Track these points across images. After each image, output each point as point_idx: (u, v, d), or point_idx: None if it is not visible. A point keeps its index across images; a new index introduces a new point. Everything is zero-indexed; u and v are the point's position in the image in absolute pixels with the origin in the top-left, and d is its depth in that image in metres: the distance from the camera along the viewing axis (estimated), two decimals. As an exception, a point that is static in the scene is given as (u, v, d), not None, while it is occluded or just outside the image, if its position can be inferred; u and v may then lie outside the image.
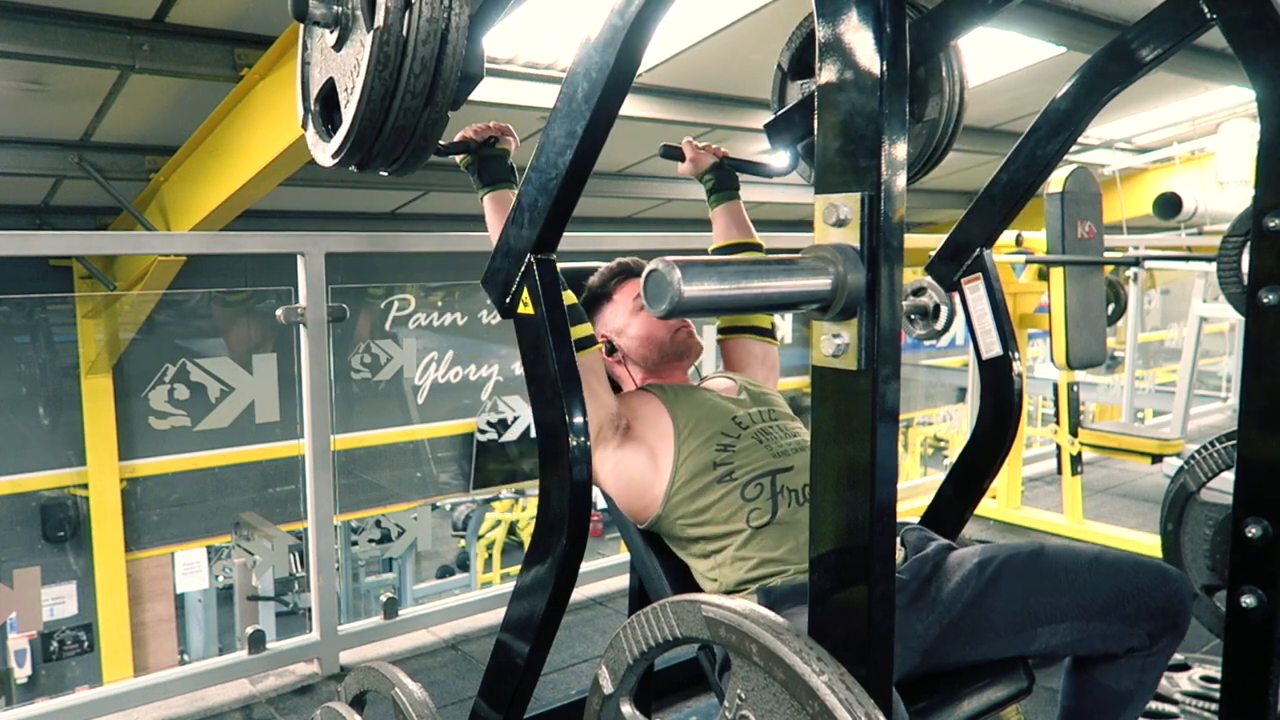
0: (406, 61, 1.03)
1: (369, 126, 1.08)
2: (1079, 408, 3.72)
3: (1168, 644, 1.29)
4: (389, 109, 1.07)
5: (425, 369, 4.97)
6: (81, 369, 5.63)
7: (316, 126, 1.21)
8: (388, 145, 1.12)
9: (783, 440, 1.45)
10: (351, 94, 1.08)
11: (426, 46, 1.04)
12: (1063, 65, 4.95)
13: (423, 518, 5.39)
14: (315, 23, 1.10)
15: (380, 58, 1.02)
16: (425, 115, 1.09)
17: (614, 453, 1.41)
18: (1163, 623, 1.27)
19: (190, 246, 3.89)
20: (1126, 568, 1.29)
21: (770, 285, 0.74)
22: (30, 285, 5.87)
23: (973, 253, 1.62)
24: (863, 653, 0.77)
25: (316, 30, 1.18)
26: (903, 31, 0.73)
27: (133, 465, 5.59)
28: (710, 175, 1.83)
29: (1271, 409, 1.17)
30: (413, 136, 1.12)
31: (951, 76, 1.57)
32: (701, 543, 1.37)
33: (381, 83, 1.04)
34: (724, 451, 1.41)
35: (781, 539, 1.33)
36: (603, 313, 1.63)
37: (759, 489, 1.36)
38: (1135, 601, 1.26)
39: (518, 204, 1.20)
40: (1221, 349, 6.73)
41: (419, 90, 1.06)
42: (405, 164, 1.17)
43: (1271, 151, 1.15)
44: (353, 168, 1.18)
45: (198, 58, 3.88)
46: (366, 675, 1.32)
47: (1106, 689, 1.33)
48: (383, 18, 1.01)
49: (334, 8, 1.10)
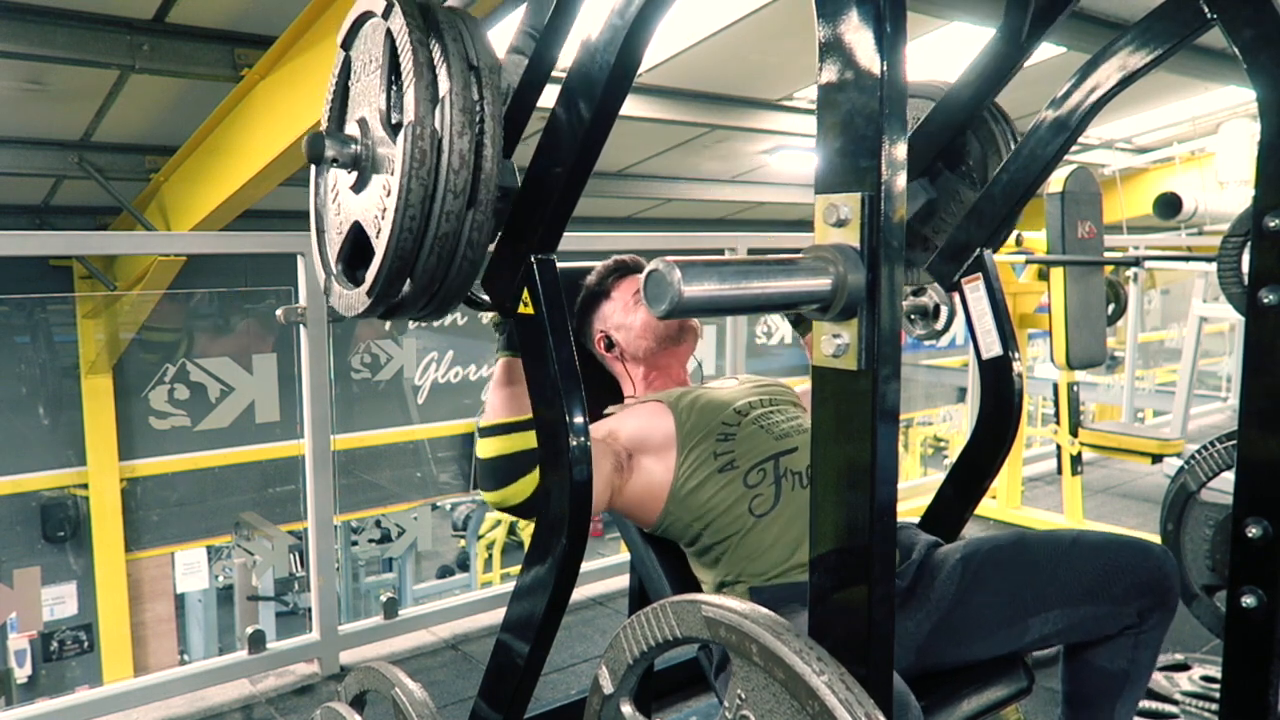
0: (444, 157, 0.97)
1: (408, 240, 0.98)
2: (1079, 408, 3.72)
3: (1159, 619, 1.29)
4: (430, 214, 0.98)
5: (425, 369, 4.98)
6: (81, 369, 5.63)
7: (342, 284, 1.11)
8: (430, 263, 1.00)
9: (784, 423, 1.45)
10: (383, 218, 1.00)
11: (462, 140, 0.97)
12: (1063, 65, 4.96)
13: (423, 518, 5.40)
14: (334, 163, 1.04)
15: (415, 154, 0.95)
16: (470, 219, 1.01)
17: (622, 488, 1.40)
18: (1152, 598, 1.27)
19: (190, 246, 3.89)
20: (1109, 547, 1.29)
21: (770, 285, 0.74)
22: (30, 285, 5.87)
23: (973, 253, 1.62)
24: (863, 653, 0.77)
25: (329, 179, 1.13)
26: (903, 31, 0.73)
27: (133, 465, 5.60)
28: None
29: (1271, 409, 1.17)
30: (457, 247, 1.01)
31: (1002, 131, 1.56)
32: (705, 535, 1.37)
33: (419, 183, 0.96)
34: (725, 441, 1.41)
35: (785, 530, 1.33)
36: (601, 310, 1.64)
37: (761, 474, 1.37)
38: (1122, 580, 1.26)
39: (518, 204, 1.20)
40: (1221, 349, 6.73)
41: (459, 189, 0.98)
42: (446, 295, 1.06)
43: (1271, 151, 1.15)
44: (379, 318, 1.08)
45: (198, 58, 3.89)
46: (366, 675, 1.32)
47: (1102, 670, 1.34)
48: (414, 112, 0.95)
49: (351, 147, 1.03)
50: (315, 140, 1.04)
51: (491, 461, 1.24)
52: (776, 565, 1.33)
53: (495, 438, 1.25)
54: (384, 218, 1.00)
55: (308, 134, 1.05)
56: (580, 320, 1.65)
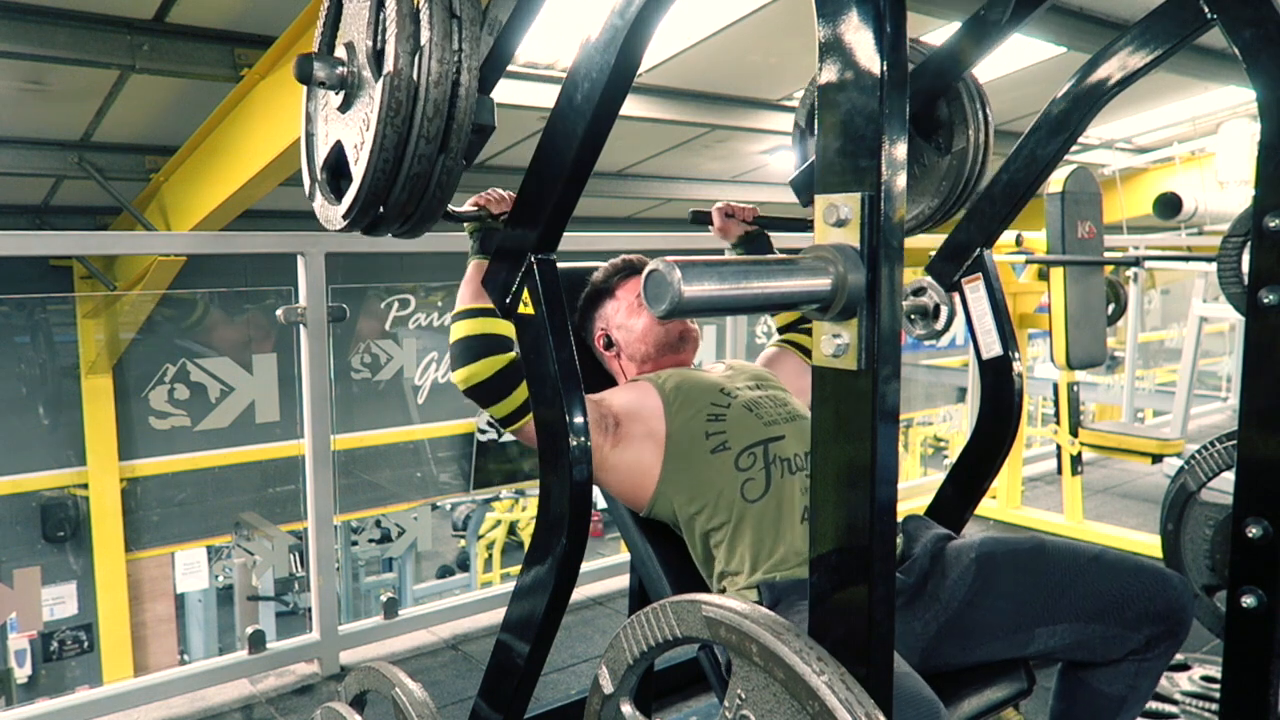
0: (419, 106, 1.01)
1: (381, 179, 1.05)
2: (1079, 408, 3.72)
3: (1165, 649, 1.27)
4: (402, 157, 1.04)
5: (425, 369, 4.97)
6: (81, 369, 5.63)
7: (324, 193, 1.17)
8: (401, 197, 1.08)
9: (773, 410, 1.44)
10: (362, 149, 1.05)
11: (438, 89, 1.01)
12: (1063, 65, 4.96)
13: (423, 518, 5.38)
14: (320, 84, 1.08)
15: (391, 104, 1.00)
16: (440, 163, 1.06)
17: (610, 453, 1.40)
18: (1162, 627, 1.25)
19: (190, 246, 3.89)
20: (1127, 570, 1.27)
21: (770, 285, 0.74)
22: (30, 285, 5.88)
23: (973, 253, 1.62)
24: (863, 653, 0.76)
25: (320, 95, 1.16)
26: (903, 31, 0.73)
27: (133, 465, 5.59)
28: (740, 246, 1.75)
29: (1271, 409, 1.17)
30: (428, 186, 1.08)
31: (974, 103, 1.56)
32: (700, 519, 1.36)
33: (394, 129, 1.01)
34: (716, 421, 1.40)
35: (778, 517, 1.32)
36: (604, 307, 1.64)
37: (751, 459, 1.36)
38: (1135, 605, 1.24)
39: (518, 204, 1.20)
40: (1221, 349, 6.73)
41: (433, 135, 1.03)
42: (418, 220, 1.14)
43: (1271, 151, 1.15)
44: (359, 232, 1.15)
45: (198, 58, 3.89)
46: (366, 675, 1.32)
47: (1099, 692, 1.31)
48: (392, 63, 0.99)
49: (339, 69, 1.07)
50: (304, 61, 1.07)
51: (461, 343, 1.35)
52: (787, 559, 1.31)
53: (464, 320, 1.35)
54: (362, 149, 1.05)
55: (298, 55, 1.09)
56: (583, 316, 1.65)
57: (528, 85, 4.61)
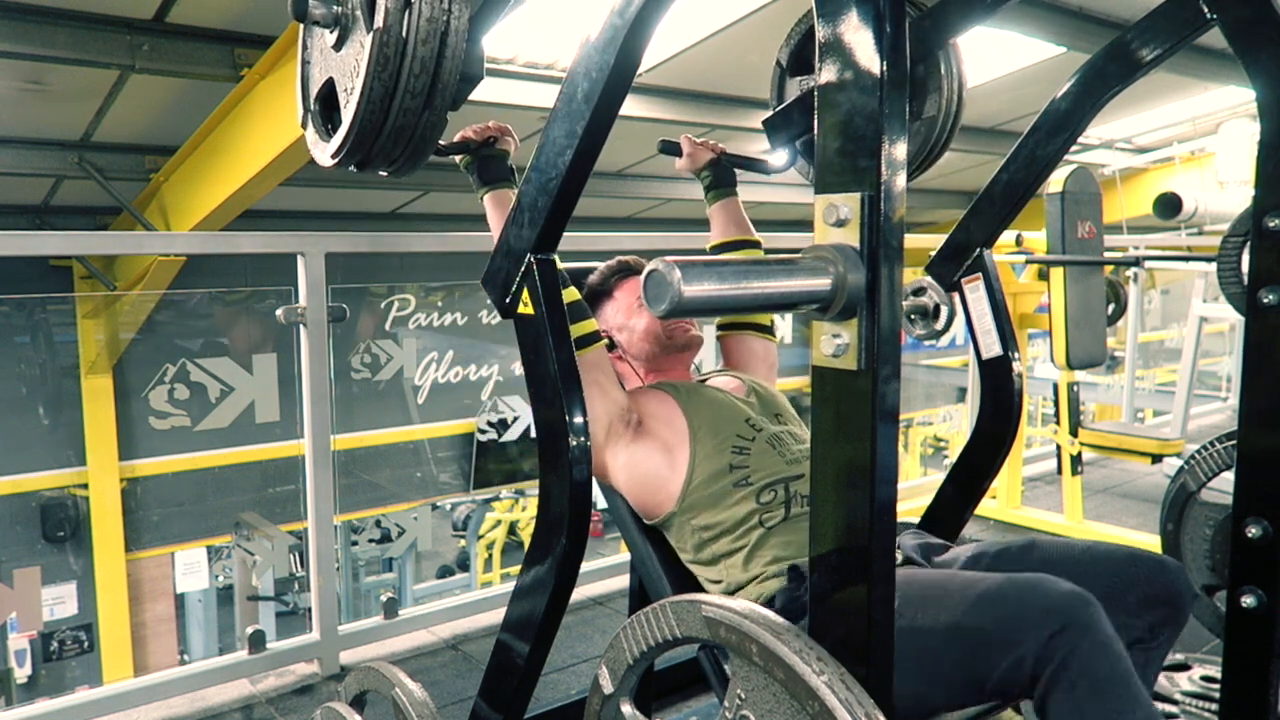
0: (406, 62, 1.03)
1: (368, 127, 1.08)
2: (1079, 408, 3.71)
3: (1168, 636, 1.26)
4: (388, 110, 1.07)
5: (425, 369, 4.98)
6: (81, 369, 5.63)
7: (316, 126, 1.21)
8: (387, 145, 1.12)
9: (794, 447, 1.46)
10: (351, 94, 1.08)
11: (426, 47, 1.04)
12: (1063, 65, 4.95)
13: (423, 518, 5.39)
14: (315, 23, 1.10)
15: (380, 59, 1.02)
16: (425, 117, 1.10)
17: (627, 448, 1.42)
18: (1165, 612, 1.24)
19: (190, 246, 3.89)
20: (1123, 558, 1.27)
21: (770, 285, 0.74)
22: (30, 285, 5.87)
23: (973, 253, 1.62)
24: (863, 653, 0.77)
25: (316, 30, 1.18)
26: (903, 31, 0.73)
27: (133, 465, 5.59)
28: (708, 172, 1.83)
29: (1271, 409, 1.17)
30: (412, 137, 1.12)
31: (950, 74, 1.57)
32: (711, 545, 1.38)
33: (381, 84, 1.04)
34: (740, 455, 1.42)
35: (792, 536, 1.34)
36: (603, 310, 1.64)
37: (773, 494, 1.38)
38: (1136, 591, 1.24)
39: (518, 204, 1.20)
40: (1221, 349, 6.73)
41: (418, 91, 1.06)
42: (404, 164, 1.18)
43: (1271, 151, 1.15)
44: (352, 168, 1.19)
45: (198, 58, 3.89)
46: (366, 675, 1.32)
47: None
48: (382, 18, 1.01)
49: (334, 8, 1.09)
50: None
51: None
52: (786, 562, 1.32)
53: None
54: (351, 94, 1.08)
55: None
56: None
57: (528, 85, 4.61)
